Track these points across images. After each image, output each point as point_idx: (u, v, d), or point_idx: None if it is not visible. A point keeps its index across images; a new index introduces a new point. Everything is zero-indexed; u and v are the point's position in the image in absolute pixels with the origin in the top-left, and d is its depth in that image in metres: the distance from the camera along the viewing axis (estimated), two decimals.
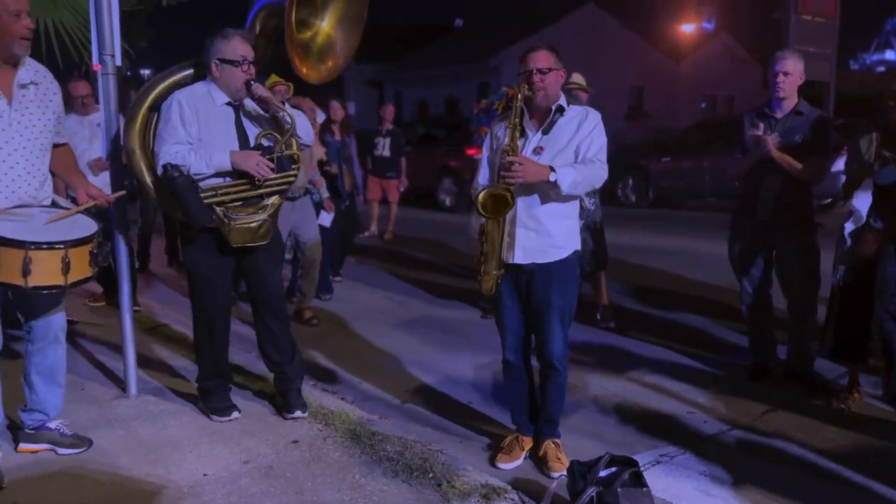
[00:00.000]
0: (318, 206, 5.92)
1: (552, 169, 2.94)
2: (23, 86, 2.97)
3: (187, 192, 3.24)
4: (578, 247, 3.20)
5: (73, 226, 2.99)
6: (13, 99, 2.94)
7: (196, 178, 3.30)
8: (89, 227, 3.02)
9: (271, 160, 3.36)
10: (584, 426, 3.70)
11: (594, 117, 3.11)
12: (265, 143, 3.45)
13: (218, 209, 3.35)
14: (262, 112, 3.47)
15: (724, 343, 5.09)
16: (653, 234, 9.80)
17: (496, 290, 3.14)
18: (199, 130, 3.35)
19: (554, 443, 3.25)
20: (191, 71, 3.61)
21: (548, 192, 3.02)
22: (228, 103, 3.42)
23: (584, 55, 21.48)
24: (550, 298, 3.10)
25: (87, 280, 3.03)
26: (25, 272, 2.77)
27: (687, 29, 30.98)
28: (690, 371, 4.49)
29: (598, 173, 3.06)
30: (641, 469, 2.80)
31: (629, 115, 27.26)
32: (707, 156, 12.14)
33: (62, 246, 2.84)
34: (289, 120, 3.39)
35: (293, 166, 3.47)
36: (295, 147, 3.48)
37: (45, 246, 2.80)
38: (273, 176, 3.38)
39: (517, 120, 3.02)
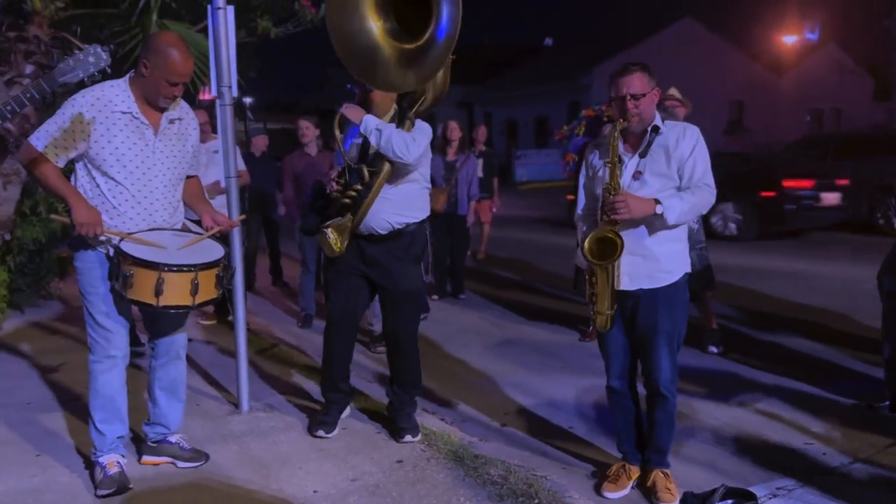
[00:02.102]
0: None
1: (657, 201, 2.87)
2: (170, 121, 3.20)
3: (315, 200, 3.74)
4: (688, 269, 3.10)
5: (203, 250, 3.15)
6: (160, 131, 3.16)
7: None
8: (217, 251, 3.17)
9: (342, 175, 3.55)
10: (695, 455, 3.58)
11: (692, 133, 2.99)
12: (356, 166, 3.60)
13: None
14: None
15: (843, 371, 4.82)
16: (762, 254, 9.42)
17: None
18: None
19: (663, 472, 3.15)
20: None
21: (654, 217, 2.94)
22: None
23: (679, 70, 21.00)
24: (657, 323, 3.02)
25: (212, 301, 3.18)
26: (158, 292, 2.94)
27: (789, 40, 29.82)
28: (807, 400, 4.28)
29: (706, 199, 2.96)
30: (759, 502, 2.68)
31: (728, 131, 26.44)
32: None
33: (193, 269, 2.99)
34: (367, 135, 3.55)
35: (355, 186, 3.51)
36: (385, 165, 3.51)
37: (176, 268, 2.97)
38: (344, 192, 3.53)
39: (616, 158, 2.94)
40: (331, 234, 3.52)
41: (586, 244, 2.93)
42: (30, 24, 5.89)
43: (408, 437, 3.70)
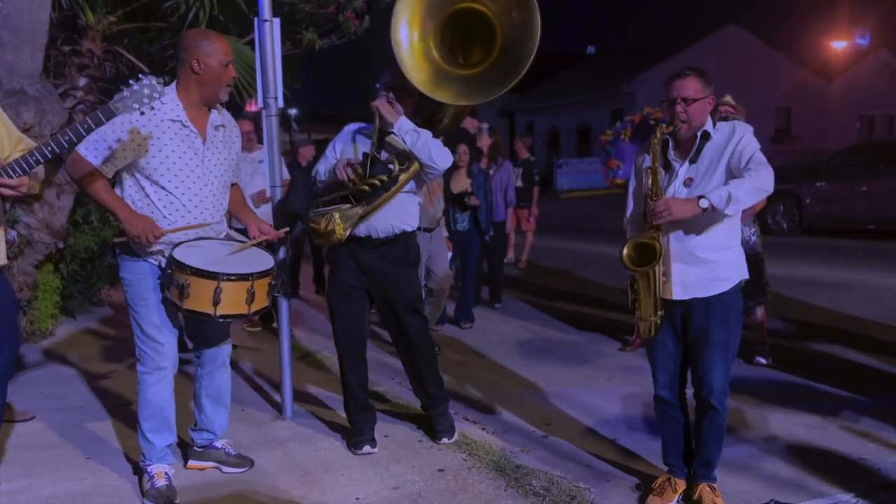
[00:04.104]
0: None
1: (701, 197, 2.77)
2: (216, 127, 3.20)
3: (298, 190, 3.83)
4: (744, 276, 3.01)
5: (254, 258, 3.16)
6: (207, 139, 3.16)
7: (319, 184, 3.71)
8: (268, 259, 3.19)
9: (364, 166, 3.49)
10: (744, 468, 3.48)
11: (741, 129, 2.88)
12: (383, 156, 3.56)
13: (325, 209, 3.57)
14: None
15: None
16: (811, 264, 9.18)
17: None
18: (342, 151, 3.69)
19: (710, 486, 3.07)
20: None
21: (703, 223, 2.87)
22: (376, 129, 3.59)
23: (725, 77, 20.64)
24: (709, 332, 2.93)
25: (265, 310, 3.18)
26: (216, 301, 2.94)
27: (838, 46, 29.13)
28: (860, 412, 4.14)
29: (764, 177, 2.74)
30: None
31: (776, 138, 25.90)
32: (867, 180, 11.31)
33: (250, 277, 3.00)
34: (397, 137, 3.53)
35: (381, 175, 3.49)
36: (398, 169, 3.52)
37: (234, 277, 2.98)
38: (363, 180, 3.49)
39: (657, 165, 2.90)
40: (337, 217, 3.46)
41: (625, 250, 2.90)
42: (83, 38, 6.08)
43: (445, 440, 3.75)
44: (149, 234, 2.98)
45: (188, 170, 3.10)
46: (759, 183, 2.74)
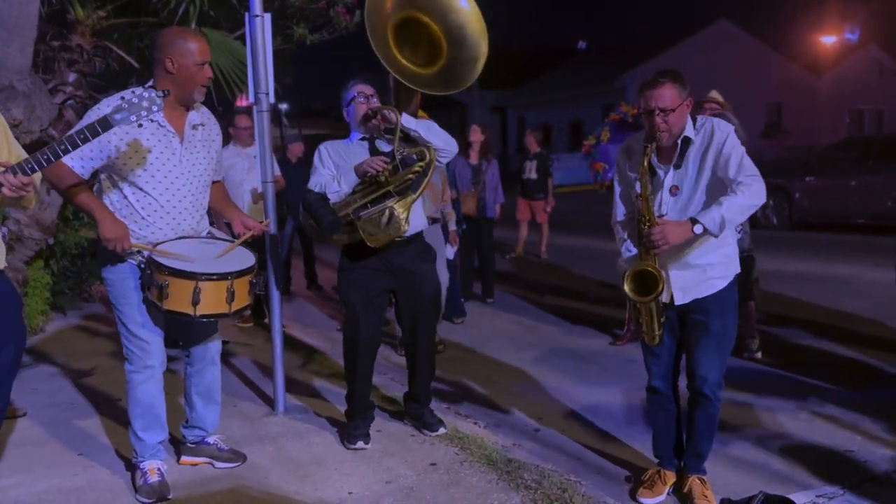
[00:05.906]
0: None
1: (694, 221, 2.78)
2: (194, 127, 3.17)
3: (315, 204, 3.56)
4: (738, 269, 3.02)
5: (235, 257, 3.14)
6: (185, 139, 3.13)
7: (332, 196, 3.57)
8: (249, 258, 3.17)
9: (392, 161, 3.47)
10: (733, 460, 3.52)
11: (721, 132, 2.85)
12: (400, 156, 3.54)
13: (351, 216, 3.51)
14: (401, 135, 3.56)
15: (888, 377, 4.70)
16: (801, 259, 9.24)
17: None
18: (336, 164, 3.63)
19: (700, 479, 3.10)
20: None
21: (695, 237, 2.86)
22: (363, 138, 3.65)
23: (715, 73, 20.77)
24: (708, 324, 2.93)
25: (246, 308, 3.19)
26: (195, 301, 2.93)
27: (828, 41, 29.27)
28: (851, 407, 4.17)
29: (754, 192, 2.77)
30: None
31: (766, 133, 26.04)
32: (856, 175, 11.39)
33: (229, 277, 2.99)
34: (409, 128, 3.53)
35: (419, 163, 3.49)
36: (429, 154, 3.52)
37: (214, 277, 2.97)
38: (399, 173, 3.47)
39: (647, 193, 2.84)
40: (396, 210, 3.38)
41: (626, 283, 2.88)
42: (73, 33, 6.04)
43: (441, 430, 3.81)
44: (118, 244, 2.95)
45: (165, 170, 3.07)
46: (752, 199, 2.78)
